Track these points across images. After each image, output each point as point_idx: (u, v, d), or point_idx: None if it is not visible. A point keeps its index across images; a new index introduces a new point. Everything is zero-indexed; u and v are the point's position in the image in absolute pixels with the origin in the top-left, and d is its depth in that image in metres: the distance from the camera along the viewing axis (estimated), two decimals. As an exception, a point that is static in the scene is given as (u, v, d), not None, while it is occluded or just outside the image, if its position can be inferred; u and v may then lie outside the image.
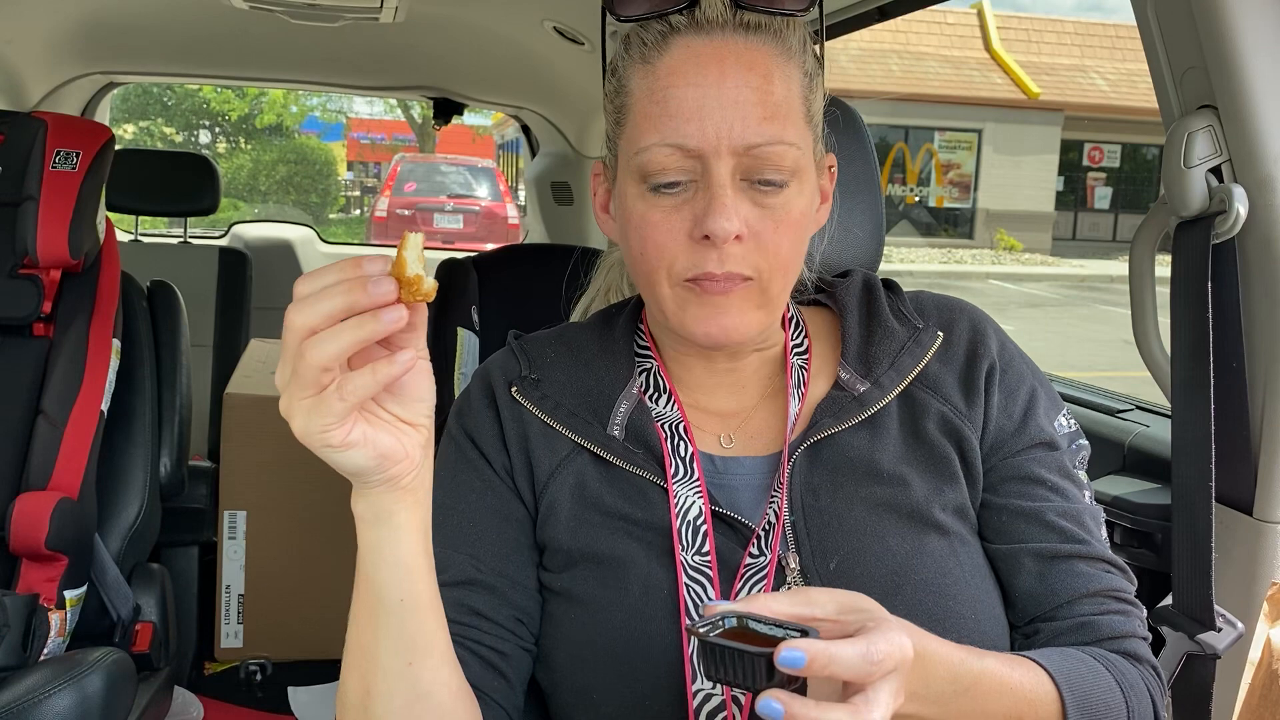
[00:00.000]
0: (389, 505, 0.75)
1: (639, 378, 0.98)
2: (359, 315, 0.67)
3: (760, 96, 0.86)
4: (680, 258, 0.86)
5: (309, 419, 0.69)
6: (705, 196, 0.85)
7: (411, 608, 0.77)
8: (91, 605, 1.75)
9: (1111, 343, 10.49)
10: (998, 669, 0.79)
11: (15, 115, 1.93)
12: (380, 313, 0.67)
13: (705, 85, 0.85)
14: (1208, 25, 1.05)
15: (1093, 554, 0.92)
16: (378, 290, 0.66)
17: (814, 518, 0.90)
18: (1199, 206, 1.11)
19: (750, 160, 0.85)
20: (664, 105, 0.86)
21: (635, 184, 0.88)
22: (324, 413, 0.68)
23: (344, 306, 0.67)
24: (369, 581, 0.76)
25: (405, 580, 0.76)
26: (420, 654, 0.78)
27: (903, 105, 18.26)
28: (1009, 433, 0.95)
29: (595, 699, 0.88)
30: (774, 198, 0.87)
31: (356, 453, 0.71)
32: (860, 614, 0.70)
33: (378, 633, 0.78)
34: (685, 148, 0.85)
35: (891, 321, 0.98)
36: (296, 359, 0.67)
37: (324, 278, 0.68)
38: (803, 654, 0.64)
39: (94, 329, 1.87)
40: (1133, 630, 0.91)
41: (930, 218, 19.77)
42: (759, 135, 0.85)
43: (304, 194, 20.79)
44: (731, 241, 0.85)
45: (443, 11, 2.39)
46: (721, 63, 0.86)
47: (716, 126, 0.84)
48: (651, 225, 0.87)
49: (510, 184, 16.66)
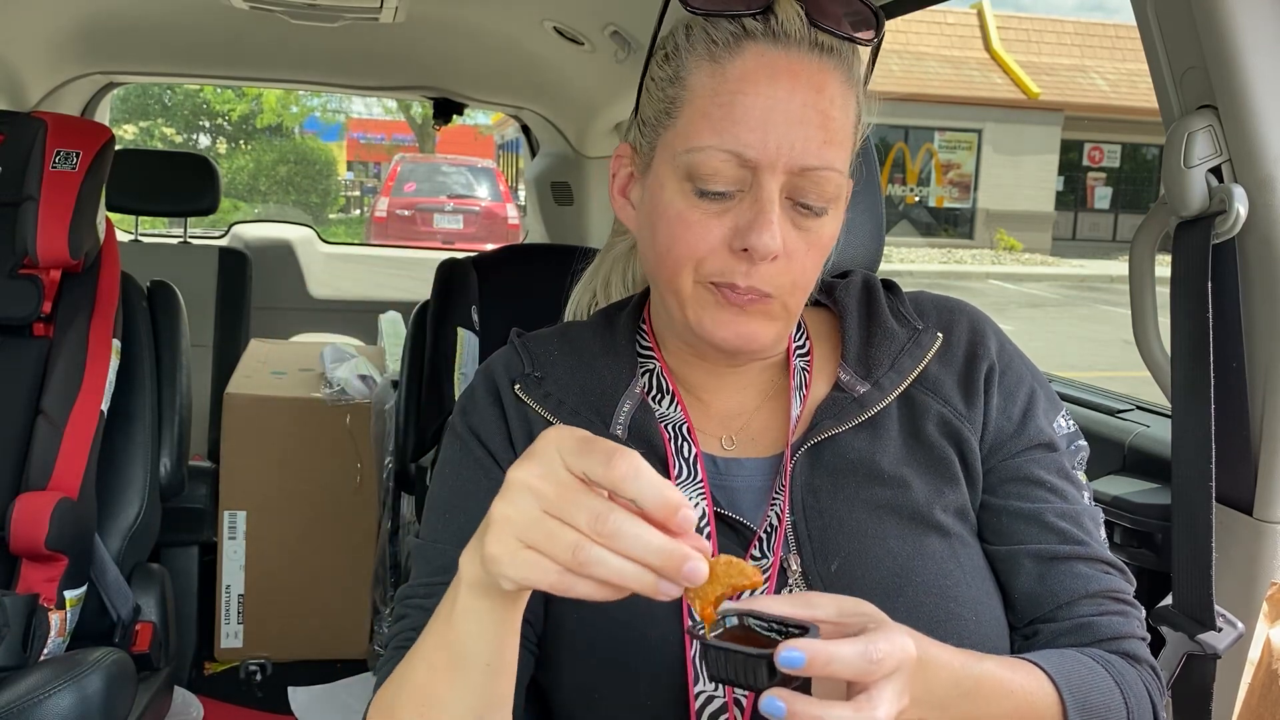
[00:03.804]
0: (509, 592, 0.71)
1: (642, 378, 0.98)
2: (668, 545, 0.62)
3: (823, 120, 0.84)
4: (710, 261, 0.85)
5: (522, 570, 0.64)
6: (753, 210, 0.84)
7: (496, 671, 0.74)
8: (91, 605, 1.75)
9: (1111, 343, 10.49)
10: (998, 672, 0.79)
11: (15, 115, 1.93)
12: (680, 567, 0.62)
13: (775, 98, 0.83)
14: (1208, 25, 1.05)
15: (1092, 555, 0.92)
16: (688, 567, 0.62)
17: (815, 519, 0.90)
18: (1199, 206, 1.11)
19: (800, 181, 0.84)
20: (729, 110, 0.84)
21: (678, 180, 0.86)
22: (543, 571, 0.64)
23: (649, 555, 0.62)
24: (459, 643, 0.73)
25: (500, 649, 0.73)
26: (493, 711, 0.76)
27: (903, 105, 18.25)
28: (1008, 434, 0.95)
29: (597, 699, 0.88)
30: (812, 221, 0.86)
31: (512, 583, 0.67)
32: (861, 617, 0.71)
33: (454, 687, 0.74)
34: (743, 157, 0.83)
35: (891, 323, 0.98)
36: (578, 548, 0.62)
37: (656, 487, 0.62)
38: (802, 654, 0.64)
39: (94, 329, 1.87)
40: (1131, 631, 0.91)
41: (930, 218, 19.77)
42: (817, 159, 0.84)
43: (304, 194, 20.79)
44: (768, 260, 0.84)
45: (443, 11, 2.39)
46: (794, 78, 0.84)
47: (779, 142, 0.83)
48: (688, 225, 0.86)
49: (510, 184, 16.66)
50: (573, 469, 0.64)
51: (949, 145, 19.55)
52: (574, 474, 0.64)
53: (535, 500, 0.64)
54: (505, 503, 0.65)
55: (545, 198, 3.47)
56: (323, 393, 2.88)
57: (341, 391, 2.86)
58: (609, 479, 0.63)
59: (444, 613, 0.74)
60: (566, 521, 0.63)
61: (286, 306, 3.87)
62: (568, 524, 0.63)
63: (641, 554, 0.62)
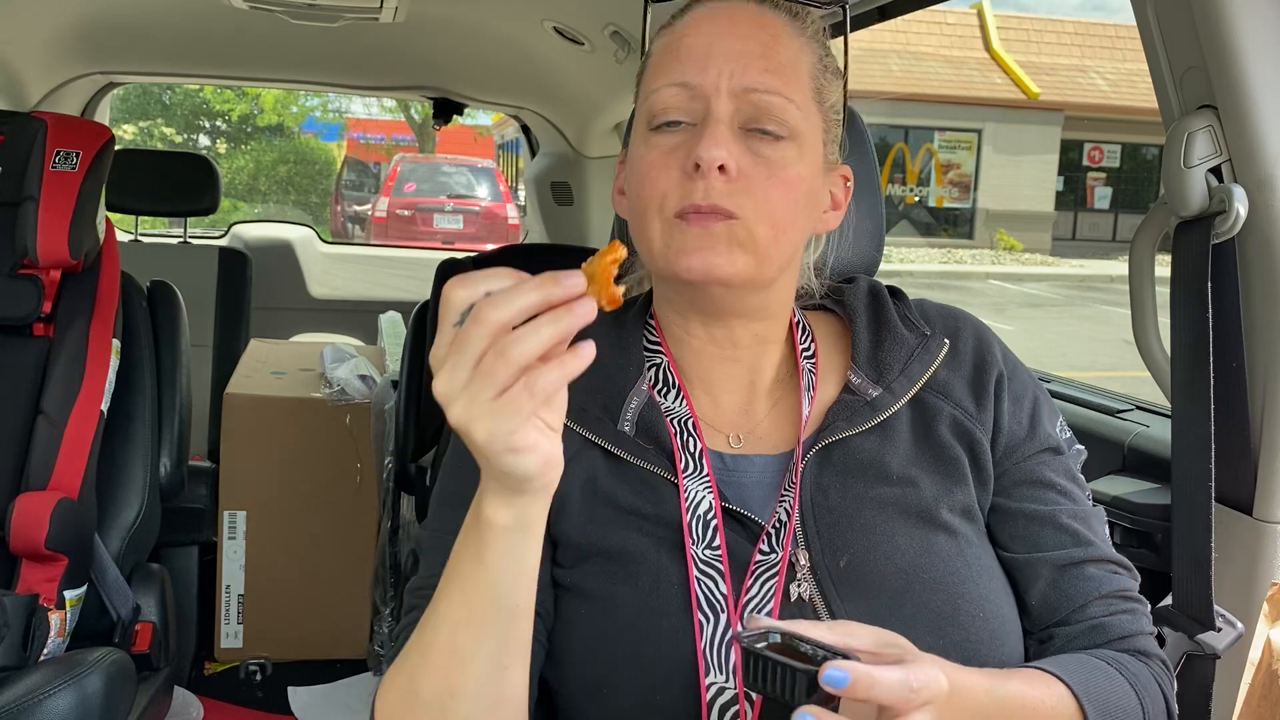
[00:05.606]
0: (535, 513, 0.74)
1: (648, 373, 0.98)
2: (553, 310, 0.66)
3: (765, 50, 0.89)
4: (672, 193, 0.88)
5: (495, 422, 0.67)
6: (701, 130, 0.88)
7: (523, 613, 0.77)
8: (91, 605, 1.75)
9: (1111, 343, 10.48)
10: (1021, 691, 0.82)
11: (15, 115, 1.93)
12: (573, 306, 0.66)
13: (716, 34, 0.90)
14: (1208, 25, 1.05)
15: (1101, 556, 0.95)
16: (569, 282, 0.66)
17: (824, 516, 0.91)
18: (1199, 206, 1.11)
19: (750, 108, 0.88)
20: (675, 53, 0.91)
21: (643, 130, 0.92)
22: (513, 413, 0.67)
23: (539, 300, 0.66)
24: (491, 588, 0.76)
25: (526, 587, 0.77)
26: (515, 658, 0.79)
27: (903, 105, 18.25)
28: (1020, 438, 0.97)
29: (606, 694, 0.89)
30: (769, 148, 0.89)
31: (531, 457, 0.69)
32: (896, 649, 0.73)
33: (481, 636, 0.77)
34: (688, 85, 0.89)
35: (901, 328, 0.99)
36: (492, 357, 0.66)
37: (491, 279, 0.68)
38: (847, 674, 0.66)
39: (94, 329, 1.87)
40: (1141, 628, 0.94)
41: (930, 218, 19.76)
42: (758, 82, 0.88)
43: (304, 194, 20.79)
44: (717, 174, 0.86)
45: (443, 11, 2.39)
46: (733, 18, 0.91)
47: (719, 68, 0.88)
48: (649, 164, 0.90)
49: (510, 184, 16.66)
50: (454, 323, 0.68)
51: (949, 145, 19.54)
52: (489, 324, 0.66)
53: (456, 365, 0.67)
54: (441, 384, 0.68)
55: (545, 198, 3.47)
56: (323, 393, 2.88)
57: (341, 391, 2.86)
58: (485, 300, 0.67)
59: (467, 562, 0.76)
60: (486, 358, 0.66)
61: (286, 306, 3.87)
62: (490, 359, 0.66)
63: (537, 307, 0.66)
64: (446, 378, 0.67)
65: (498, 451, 0.68)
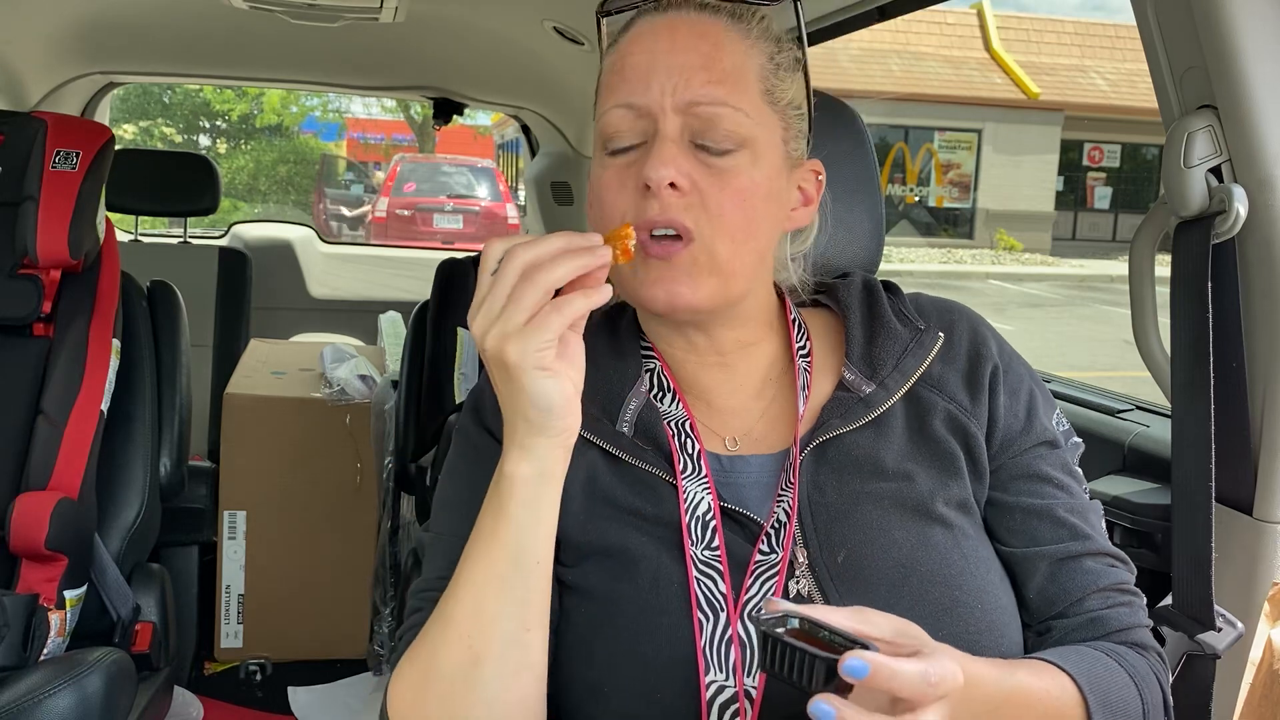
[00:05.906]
0: (554, 462, 0.81)
1: (645, 377, 0.99)
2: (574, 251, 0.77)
3: (706, 61, 0.89)
4: (629, 212, 0.89)
5: (526, 341, 0.76)
6: (650, 149, 0.89)
7: (543, 571, 0.82)
8: (91, 605, 1.75)
9: (1111, 343, 10.49)
10: (1027, 681, 0.83)
11: (15, 115, 1.93)
12: (593, 248, 0.78)
13: (656, 51, 0.90)
14: (1208, 25, 1.05)
15: (1098, 549, 0.95)
16: (590, 238, 0.79)
17: (820, 513, 0.91)
18: (1199, 206, 1.11)
19: (696, 122, 0.88)
20: (620, 73, 0.92)
21: (599, 153, 0.93)
22: (543, 330, 0.76)
23: (562, 246, 0.78)
24: (515, 544, 0.81)
25: (547, 542, 0.82)
26: (536, 619, 0.83)
27: (903, 105, 18.25)
28: (1016, 431, 0.97)
29: (606, 692, 0.89)
30: (721, 161, 0.89)
31: (557, 382, 0.78)
32: (912, 639, 0.73)
33: (504, 597, 0.81)
34: (634, 106, 0.90)
35: (894, 323, 0.99)
36: (522, 285, 0.76)
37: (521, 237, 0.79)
38: (868, 665, 0.66)
39: (94, 329, 1.87)
40: (1138, 621, 0.94)
41: (930, 218, 19.76)
42: (701, 94, 0.88)
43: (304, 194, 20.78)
44: (669, 190, 0.87)
45: (443, 11, 2.39)
46: (673, 31, 0.91)
47: (662, 85, 0.89)
48: (605, 185, 0.91)
49: (510, 184, 16.66)
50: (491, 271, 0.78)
51: (949, 145, 19.54)
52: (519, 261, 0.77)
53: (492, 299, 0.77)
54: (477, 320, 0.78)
55: (545, 198, 3.47)
56: (323, 393, 2.88)
57: (341, 391, 2.86)
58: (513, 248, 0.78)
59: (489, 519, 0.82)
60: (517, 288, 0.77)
61: (286, 306, 3.88)
62: (520, 287, 0.77)
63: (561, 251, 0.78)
64: (483, 313, 0.77)
65: (528, 369, 0.76)
